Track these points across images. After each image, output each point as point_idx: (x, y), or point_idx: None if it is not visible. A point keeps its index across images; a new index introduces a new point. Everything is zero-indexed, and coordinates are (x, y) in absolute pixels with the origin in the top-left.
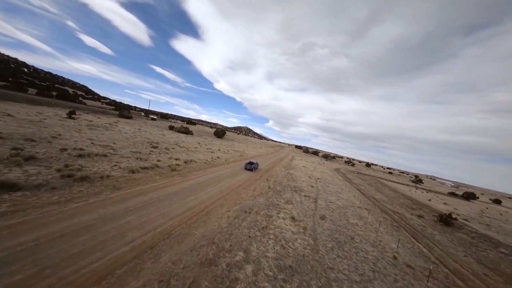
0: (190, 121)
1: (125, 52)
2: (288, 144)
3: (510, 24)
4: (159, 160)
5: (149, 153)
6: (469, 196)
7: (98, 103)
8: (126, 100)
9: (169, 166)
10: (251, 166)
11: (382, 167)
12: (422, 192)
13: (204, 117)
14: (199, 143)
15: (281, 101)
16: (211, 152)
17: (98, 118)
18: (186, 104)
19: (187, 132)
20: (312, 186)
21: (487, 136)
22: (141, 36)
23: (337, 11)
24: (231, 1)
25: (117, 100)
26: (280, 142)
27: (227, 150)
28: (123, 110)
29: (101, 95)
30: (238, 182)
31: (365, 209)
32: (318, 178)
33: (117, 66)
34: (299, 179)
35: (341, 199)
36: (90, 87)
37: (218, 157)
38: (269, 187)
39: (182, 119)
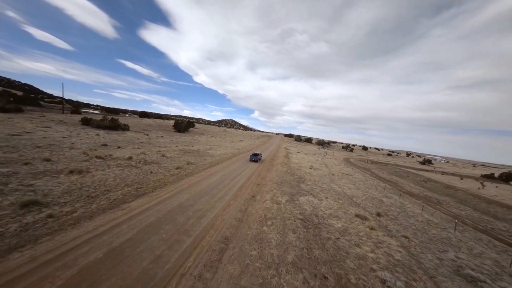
0: (145, 114)
1: (88, 46)
2: (276, 134)
3: (470, 4)
4: None
5: None
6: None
7: None
8: (97, 101)
9: None
10: (256, 158)
11: (377, 149)
12: (462, 180)
13: (186, 112)
14: (131, 143)
15: (265, 90)
16: (140, 156)
17: None
18: (166, 101)
19: (114, 127)
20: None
21: (452, 110)
22: (103, 27)
23: None
24: None
25: (85, 102)
26: (267, 132)
27: (181, 150)
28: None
29: (66, 97)
30: None
31: None
32: (358, 200)
33: (80, 63)
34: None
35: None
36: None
37: (151, 172)
38: None
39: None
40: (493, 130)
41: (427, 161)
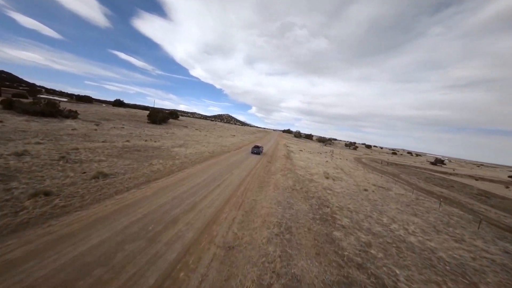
0: (120, 103)
1: (78, 36)
2: (273, 130)
3: (470, 3)
4: None
5: None
6: None
7: None
8: (88, 93)
9: None
10: (258, 150)
11: (380, 147)
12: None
13: (182, 107)
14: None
15: (263, 86)
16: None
17: None
18: (161, 95)
19: (50, 113)
20: None
21: (447, 109)
22: (94, 15)
23: None
24: None
25: (76, 93)
26: (264, 128)
27: (126, 147)
28: None
29: (57, 89)
30: None
31: None
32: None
33: (71, 53)
34: None
35: None
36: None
37: None
38: None
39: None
40: (486, 129)
41: (439, 161)
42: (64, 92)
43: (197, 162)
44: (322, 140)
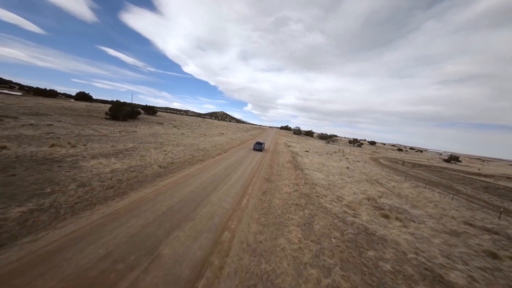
0: (84, 97)
1: (62, 30)
2: (270, 127)
3: None
4: None
5: None
6: None
7: None
8: (75, 91)
9: None
10: (260, 147)
11: (382, 143)
12: None
13: (175, 105)
14: None
15: (258, 83)
16: None
17: None
18: (154, 92)
19: None
20: None
21: (438, 104)
22: (79, 8)
23: None
24: None
25: (62, 92)
26: (260, 126)
27: None
28: None
29: (41, 87)
30: None
31: None
32: None
33: (56, 49)
34: None
35: None
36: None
37: None
38: None
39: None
40: (477, 124)
41: (453, 159)
42: (25, 86)
43: (99, 201)
44: (323, 137)
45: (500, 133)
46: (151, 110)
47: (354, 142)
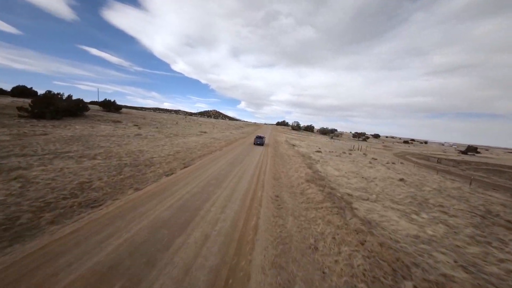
0: (23, 92)
1: (40, 30)
2: (265, 124)
3: None
4: None
5: None
6: None
7: None
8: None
9: None
10: (261, 141)
11: (389, 137)
12: None
13: (166, 105)
14: None
15: (250, 79)
16: None
17: None
18: (142, 93)
19: None
20: None
21: (428, 95)
22: (56, 5)
23: None
24: None
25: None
26: (255, 123)
27: None
28: None
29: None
30: None
31: None
32: None
33: (33, 50)
34: None
35: None
36: None
37: None
38: None
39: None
40: (465, 113)
41: (471, 150)
42: None
43: None
44: (325, 132)
45: (487, 121)
46: (112, 107)
47: (359, 136)
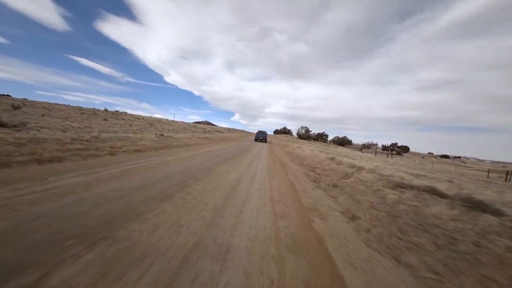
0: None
1: (28, 39)
2: (259, 131)
3: (429, 12)
4: None
5: None
6: None
7: None
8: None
9: None
10: (263, 136)
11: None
12: None
13: (157, 116)
14: None
15: (245, 92)
16: None
17: None
18: (133, 104)
19: None
20: None
21: (418, 109)
22: (50, 16)
23: None
24: None
25: None
26: (243, 130)
27: None
28: None
29: None
30: None
31: None
32: None
33: (18, 59)
34: None
35: None
36: None
37: None
38: None
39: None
40: (453, 127)
41: None
42: None
43: None
44: (339, 142)
45: (472, 134)
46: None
47: (390, 149)
